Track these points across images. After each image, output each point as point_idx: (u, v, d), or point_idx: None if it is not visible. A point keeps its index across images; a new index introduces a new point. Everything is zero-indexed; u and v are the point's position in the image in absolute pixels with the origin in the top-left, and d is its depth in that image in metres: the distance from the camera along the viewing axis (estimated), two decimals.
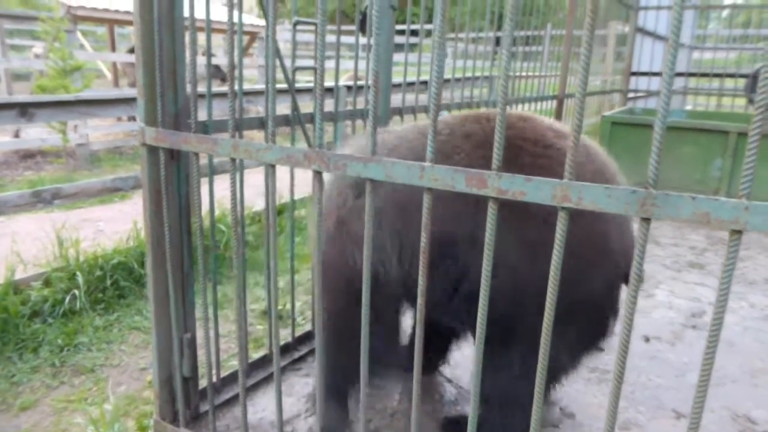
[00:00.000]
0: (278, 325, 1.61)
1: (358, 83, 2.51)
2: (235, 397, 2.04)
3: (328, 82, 3.93)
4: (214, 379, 1.98)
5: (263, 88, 4.46)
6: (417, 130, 1.71)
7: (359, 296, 1.24)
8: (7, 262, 3.44)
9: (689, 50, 9.22)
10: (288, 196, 2.34)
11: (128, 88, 10.23)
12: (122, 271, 3.68)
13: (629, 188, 0.89)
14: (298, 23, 2.16)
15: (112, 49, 11.03)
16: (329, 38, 6.04)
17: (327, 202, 1.67)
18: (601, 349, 2.39)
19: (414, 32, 3.67)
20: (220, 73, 9.89)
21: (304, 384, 2.19)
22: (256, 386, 2.15)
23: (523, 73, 4.05)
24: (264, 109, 1.77)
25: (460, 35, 3.03)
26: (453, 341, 2.20)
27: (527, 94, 4.02)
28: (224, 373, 2.11)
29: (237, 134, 1.50)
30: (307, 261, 4.32)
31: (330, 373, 1.55)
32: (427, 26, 2.69)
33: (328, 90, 3.97)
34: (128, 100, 5.34)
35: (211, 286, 1.92)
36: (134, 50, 1.61)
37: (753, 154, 0.79)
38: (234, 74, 1.50)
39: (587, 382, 2.27)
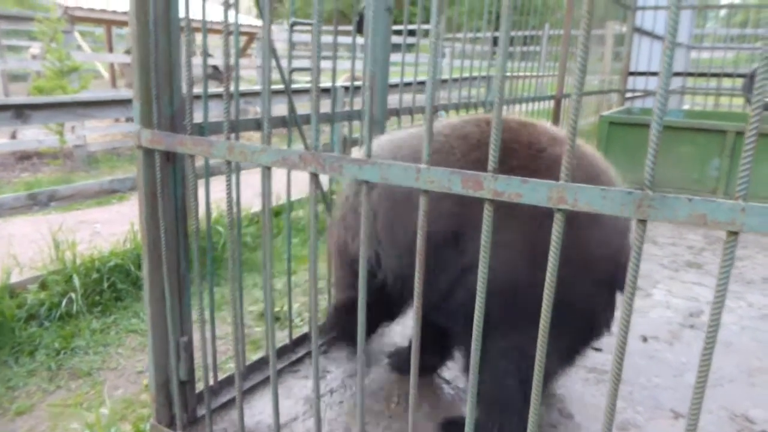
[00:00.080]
0: (274, 327, 1.61)
1: (356, 84, 2.50)
2: (232, 400, 2.03)
3: (325, 82, 3.92)
4: (211, 382, 1.97)
5: (260, 89, 4.44)
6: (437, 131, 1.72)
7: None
8: (2, 265, 3.42)
9: (687, 50, 9.23)
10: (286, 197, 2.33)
11: (126, 89, 10.21)
12: (119, 274, 3.67)
13: (625, 189, 0.89)
14: (295, 24, 2.16)
15: (110, 49, 11.03)
16: (328, 39, 6.03)
17: (339, 197, 2.01)
18: (598, 349, 2.40)
19: (411, 32, 3.67)
20: (219, 74, 9.88)
21: (302, 386, 2.18)
22: (253, 389, 2.13)
23: (520, 73, 4.04)
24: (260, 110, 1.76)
25: (457, 35, 3.03)
26: (452, 342, 2.19)
27: (525, 94, 4.01)
28: (222, 376, 2.10)
29: (233, 136, 1.49)
30: (304, 262, 4.31)
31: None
32: (425, 26, 2.69)
33: (325, 91, 3.97)
34: (125, 102, 5.32)
35: (207, 289, 1.91)
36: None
37: (749, 155, 0.79)
38: (230, 75, 1.50)
39: (585, 382, 2.27)
